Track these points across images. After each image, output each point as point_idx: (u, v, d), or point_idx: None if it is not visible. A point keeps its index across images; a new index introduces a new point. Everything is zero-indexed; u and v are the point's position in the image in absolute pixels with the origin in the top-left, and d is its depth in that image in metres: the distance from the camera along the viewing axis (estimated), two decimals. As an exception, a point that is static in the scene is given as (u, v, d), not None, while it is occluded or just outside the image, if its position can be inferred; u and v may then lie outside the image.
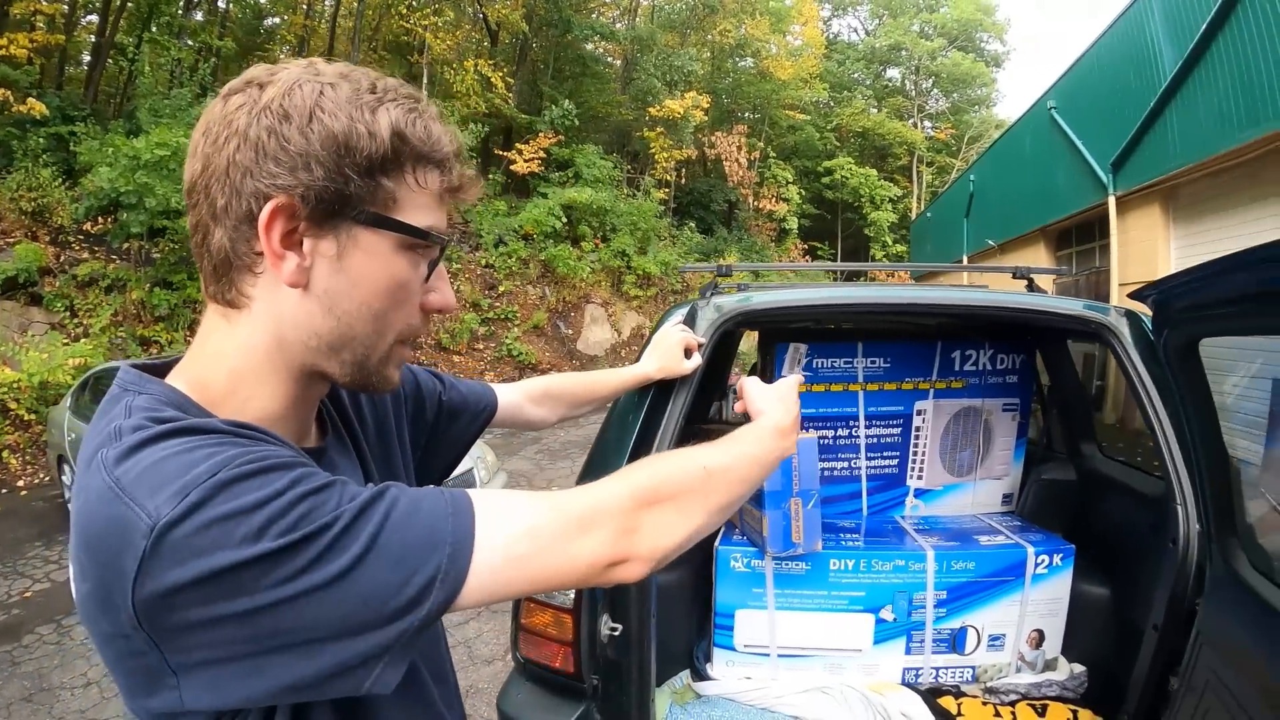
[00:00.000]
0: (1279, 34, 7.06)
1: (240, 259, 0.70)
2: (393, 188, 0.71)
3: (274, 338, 0.72)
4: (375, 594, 0.61)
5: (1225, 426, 1.63)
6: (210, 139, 0.69)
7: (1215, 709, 1.62)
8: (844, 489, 2.81)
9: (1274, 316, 1.13)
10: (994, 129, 32.53)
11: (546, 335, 16.87)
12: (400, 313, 0.76)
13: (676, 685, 2.51)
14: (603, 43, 24.68)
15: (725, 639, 2.46)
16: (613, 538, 0.73)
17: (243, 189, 0.67)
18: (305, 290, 0.70)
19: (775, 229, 28.76)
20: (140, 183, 9.92)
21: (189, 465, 0.59)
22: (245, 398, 0.73)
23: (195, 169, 0.70)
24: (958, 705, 2.33)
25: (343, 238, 0.70)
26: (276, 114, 0.67)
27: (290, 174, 0.66)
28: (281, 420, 0.76)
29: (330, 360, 0.75)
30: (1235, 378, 2.88)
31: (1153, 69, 9.57)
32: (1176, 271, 1.36)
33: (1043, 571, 2.40)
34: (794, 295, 2.27)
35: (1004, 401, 2.77)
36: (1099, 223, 11.71)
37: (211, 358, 0.74)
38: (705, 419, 3.92)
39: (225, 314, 0.73)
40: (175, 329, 11.31)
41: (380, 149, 0.69)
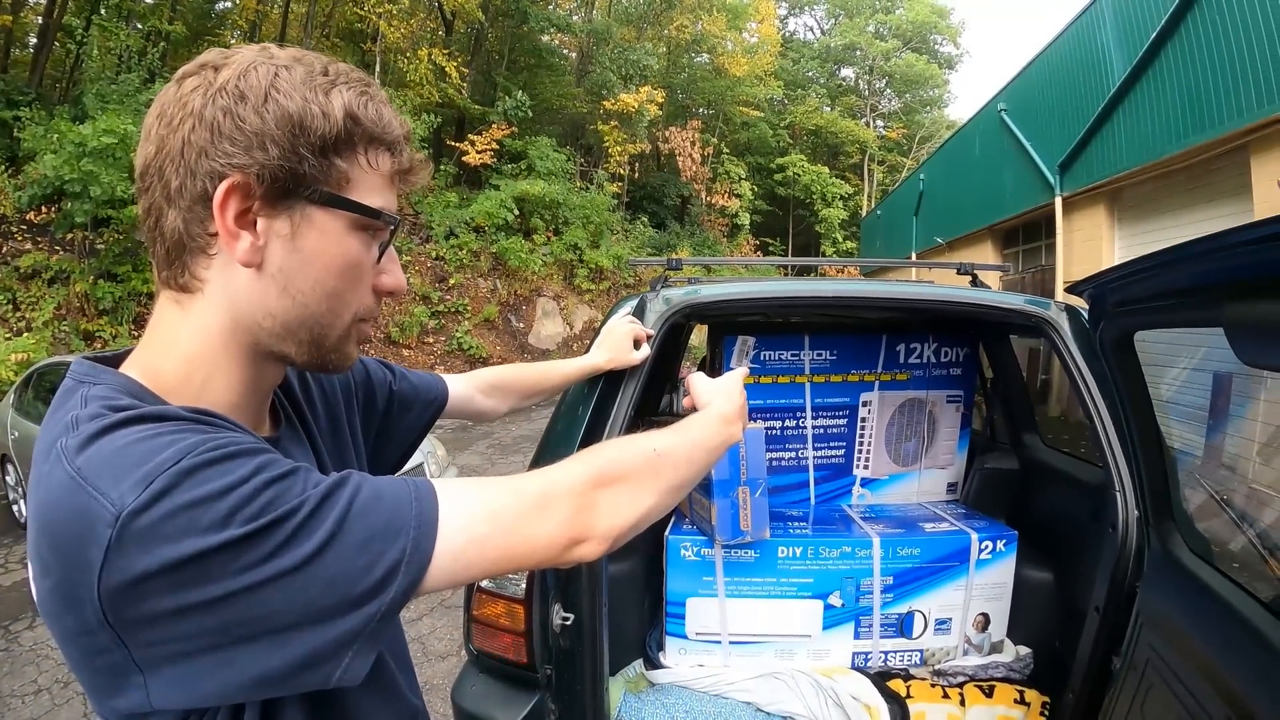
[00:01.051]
0: (1226, 44, 7.32)
1: (194, 241, 0.70)
2: (345, 168, 0.72)
3: (229, 320, 0.72)
4: (341, 578, 0.61)
5: (1167, 418, 1.69)
6: (164, 121, 0.69)
7: (1156, 685, 1.68)
8: (792, 479, 2.86)
9: (1204, 309, 1.18)
10: (945, 129, 33.11)
11: (498, 329, 16.76)
12: (354, 293, 0.76)
13: (630, 674, 2.52)
14: (559, 35, 24.45)
15: (677, 627, 2.48)
16: (570, 517, 0.74)
17: (197, 169, 0.67)
18: (259, 270, 0.70)
19: (728, 224, 28.89)
20: (85, 171, 9.62)
21: (152, 452, 0.58)
22: (200, 384, 0.73)
23: (149, 152, 0.69)
24: (907, 687, 2.38)
25: (296, 217, 0.70)
26: (232, 95, 0.67)
27: (245, 153, 0.66)
28: (237, 408, 0.75)
29: (286, 341, 0.75)
30: (1176, 371, 3.00)
31: (1102, 75, 9.86)
32: (1112, 266, 1.41)
33: (987, 557, 2.46)
34: (741, 289, 2.29)
35: (948, 393, 2.84)
36: (1045, 222, 12.03)
37: (165, 345, 0.73)
38: (656, 411, 3.94)
39: (178, 299, 0.73)
40: (119, 323, 10.98)
41: (334, 129, 0.70)
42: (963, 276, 2.66)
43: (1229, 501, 2.06)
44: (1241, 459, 3.06)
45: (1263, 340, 1.01)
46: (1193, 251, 1.04)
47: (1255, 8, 6.89)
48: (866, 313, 2.89)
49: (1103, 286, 1.47)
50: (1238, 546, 1.80)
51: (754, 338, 2.73)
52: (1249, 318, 1.02)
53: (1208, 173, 8.10)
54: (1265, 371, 1.43)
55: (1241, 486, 2.81)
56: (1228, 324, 1.07)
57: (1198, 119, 7.82)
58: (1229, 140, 7.47)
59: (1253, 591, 1.49)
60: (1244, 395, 3.10)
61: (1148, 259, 1.20)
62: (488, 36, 22.47)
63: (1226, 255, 1.00)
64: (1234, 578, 1.56)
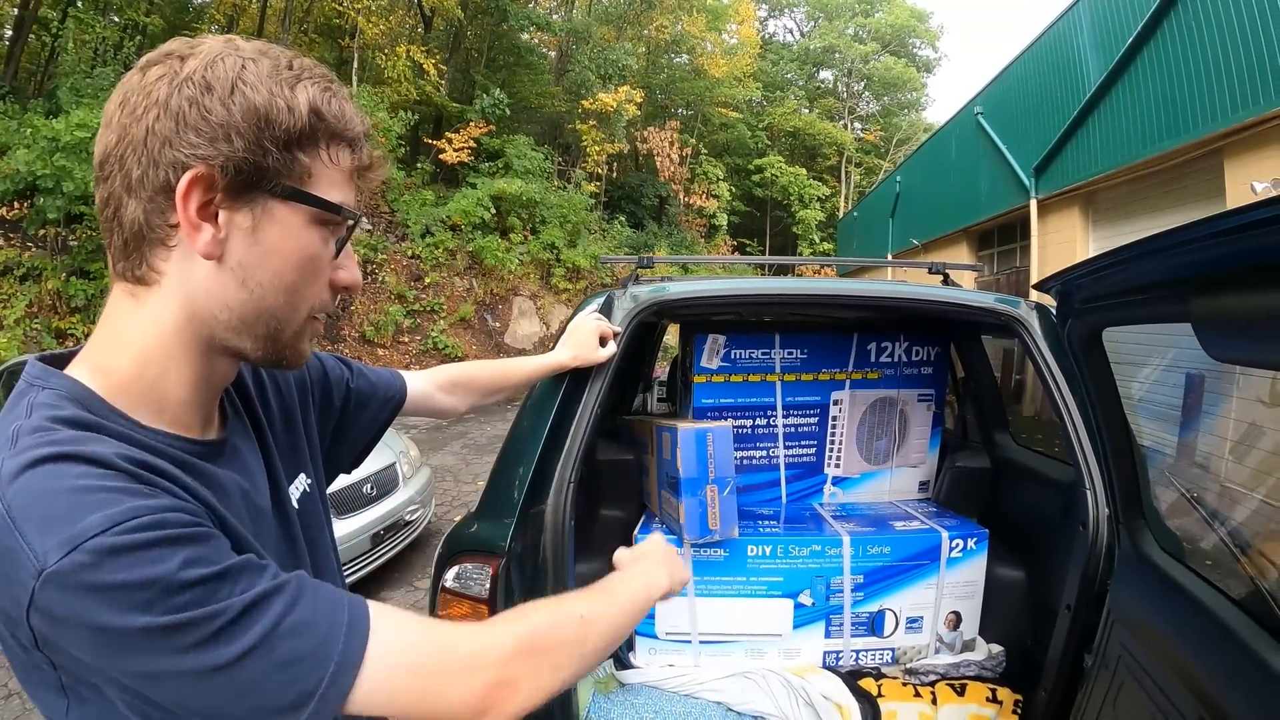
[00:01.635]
0: (1201, 50, 7.43)
1: (154, 232, 0.69)
2: (308, 163, 0.71)
3: (185, 313, 0.71)
4: (254, 691, 0.61)
5: (1138, 417, 1.70)
6: (128, 109, 0.68)
7: (1128, 683, 1.69)
8: (763, 477, 2.85)
9: (1171, 305, 1.18)
10: (922, 132, 33.33)
11: (474, 328, 16.66)
12: (312, 287, 0.76)
13: (600, 675, 2.50)
14: (538, 33, 24.39)
15: (647, 627, 2.46)
16: (487, 689, 0.73)
17: (160, 159, 0.66)
18: (219, 262, 0.70)
19: (705, 225, 28.96)
20: (58, 166, 9.45)
21: (80, 510, 0.57)
22: (152, 380, 0.72)
23: (109, 140, 0.68)
24: (878, 686, 2.37)
25: (258, 210, 0.70)
26: (199, 85, 0.67)
27: (210, 144, 0.66)
28: (186, 404, 0.74)
29: (242, 335, 0.74)
30: (1149, 370, 3.02)
31: (1078, 79, 9.99)
32: (1079, 262, 1.40)
33: (958, 555, 2.46)
34: (710, 286, 2.28)
35: (919, 392, 2.85)
36: (1020, 224, 12.17)
37: (117, 340, 0.72)
38: (629, 411, 3.93)
39: (133, 292, 0.72)
40: (92, 320, 10.77)
41: (299, 124, 0.70)
42: (935, 276, 2.67)
43: (1200, 500, 2.07)
44: (1214, 457, 3.09)
45: (1231, 335, 1.01)
46: (1159, 245, 1.03)
47: (1230, 14, 7.00)
48: (837, 311, 2.90)
49: (1070, 283, 1.47)
50: (1209, 544, 1.81)
51: (724, 336, 2.72)
52: (1216, 312, 1.01)
53: (1182, 176, 8.22)
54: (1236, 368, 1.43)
55: (1213, 485, 2.83)
56: (1195, 319, 1.06)
57: (1172, 123, 7.94)
58: (1203, 144, 7.58)
59: (1223, 588, 1.50)
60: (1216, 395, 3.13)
61: (1114, 253, 1.20)
62: (466, 34, 22.38)
63: (1193, 249, 0.99)
64: (1204, 575, 1.57)
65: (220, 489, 0.74)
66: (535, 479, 1.92)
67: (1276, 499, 2.45)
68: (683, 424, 2.38)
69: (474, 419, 11.66)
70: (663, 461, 2.45)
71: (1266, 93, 6.62)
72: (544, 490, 1.95)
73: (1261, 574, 1.53)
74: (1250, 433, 2.88)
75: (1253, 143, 6.97)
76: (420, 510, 5.24)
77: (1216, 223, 0.88)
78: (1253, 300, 0.93)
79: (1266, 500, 2.41)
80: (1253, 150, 6.98)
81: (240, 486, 0.79)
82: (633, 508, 2.73)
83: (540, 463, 1.94)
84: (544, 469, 1.96)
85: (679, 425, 2.35)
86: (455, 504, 6.63)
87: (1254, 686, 1.26)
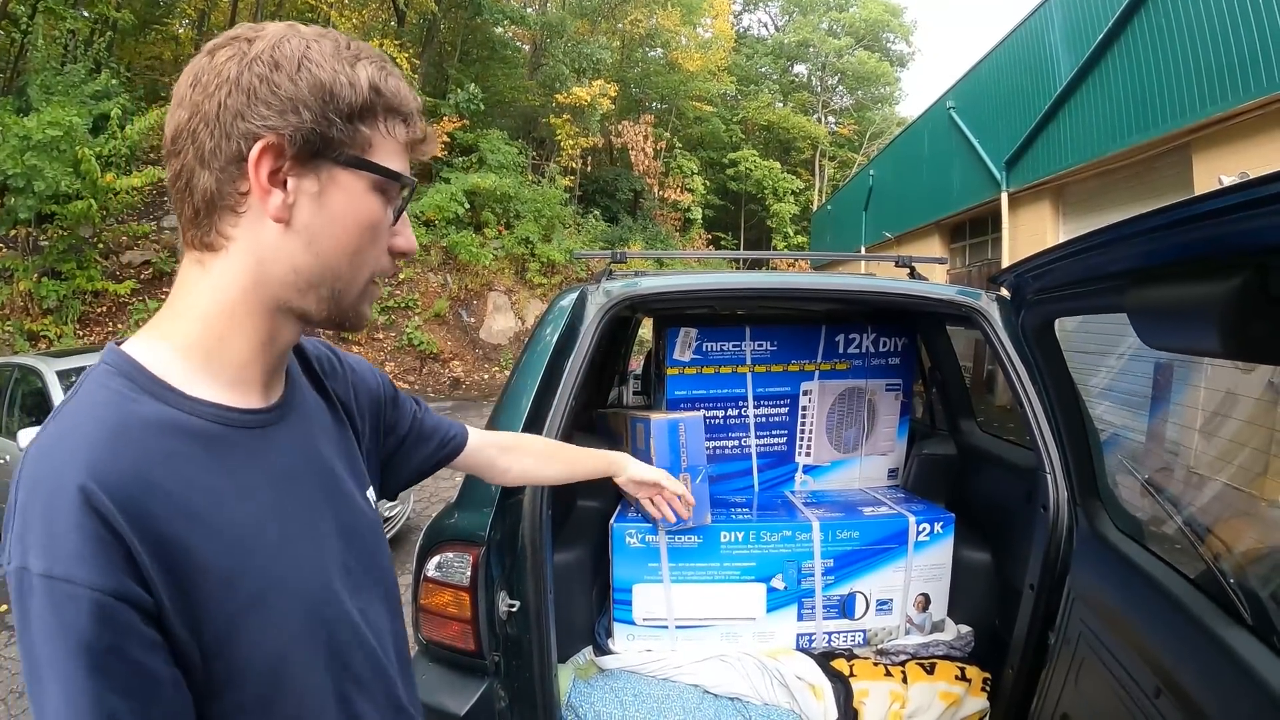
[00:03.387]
0: (1170, 47, 7.56)
1: (224, 199, 0.74)
2: (368, 134, 0.77)
3: (253, 275, 0.76)
4: None
5: (1095, 405, 1.77)
6: (199, 88, 0.73)
7: (1089, 658, 1.77)
8: (735, 466, 2.92)
9: (1110, 296, 1.25)
10: (895, 126, 33.45)
11: (449, 324, 16.58)
12: (372, 251, 0.81)
13: (580, 661, 2.55)
14: (512, 27, 24.23)
15: (624, 614, 2.52)
16: None
17: (233, 131, 0.72)
18: (287, 226, 0.75)
19: (680, 219, 28.94)
20: (29, 165, 9.35)
21: (42, 538, 0.64)
22: (215, 341, 0.77)
23: (181, 118, 0.74)
24: (850, 667, 2.44)
25: (323, 177, 0.75)
26: (267, 63, 0.72)
27: (280, 116, 0.71)
28: (248, 365, 0.79)
29: (307, 295, 0.78)
30: (1126, 360, 3.13)
31: (1049, 74, 10.13)
32: (1029, 256, 1.47)
33: (925, 539, 2.54)
34: (681, 280, 2.34)
35: (887, 382, 2.92)
36: (992, 217, 12.33)
37: (183, 306, 0.77)
38: (605, 405, 3.98)
39: (200, 259, 0.77)
40: (64, 321, 10.69)
41: (359, 98, 0.75)
42: (901, 269, 2.74)
43: (1155, 483, 2.16)
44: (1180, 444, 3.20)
45: (1160, 323, 1.07)
46: (1097, 241, 1.10)
47: (1199, 12, 7.14)
48: (805, 304, 2.97)
49: (1022, 276, 1.54)
50: (1164, 526, 1.88)
51: (696, 329, 2.78)
52: (1147, 302, 1.08)
53: (1150, 170, 8.37)
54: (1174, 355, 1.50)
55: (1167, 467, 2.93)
56: (1130, 308, 1.13)
57: (1141, 118, 8.08)
58: (1171, 139, 7.73)
59: (1175, 565, 1.57)
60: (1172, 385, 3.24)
61: (1059, 248, 1.26)
62: (440, 28, 22.18)
63: (1126, 244, 1.06)
64: (1157, 553, 1.64)
65: (260, 454, 0.79)
66: None
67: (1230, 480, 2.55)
68: (655, 415, 2.44)
69: (450, 415, 11.58)
70: (637, 452, 2.50)
71: (1234, 88, 6.76)
72: None
73: (1212, 552, 1.61)
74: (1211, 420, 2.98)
75: (1220, 137, 7.12)
76: (399, 507, 5.26)
77: (1145, 220, 0.95)
78: (1180, 291, 1.00)
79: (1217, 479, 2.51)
80: (1220, 145, 7.12)
81: (299, 447, 0.84)
82: (609, 498, 2.78)
83: None
84: None
85: (652, 416, 2.40)
86: (434, 500, 6.63)
87: (1206, 656, 1.33)
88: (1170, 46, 7.62)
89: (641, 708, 2.29)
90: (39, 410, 5.08)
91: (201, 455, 0.72)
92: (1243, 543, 1.77)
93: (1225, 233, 0.91)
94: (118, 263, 12.49)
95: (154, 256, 12.83)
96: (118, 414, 0.69)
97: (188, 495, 0.70)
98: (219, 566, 0.70)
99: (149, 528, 0.66)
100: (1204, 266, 0.97)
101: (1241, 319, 0.88)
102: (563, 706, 2.29)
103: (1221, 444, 2.90)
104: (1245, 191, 0.83)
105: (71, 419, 0.68)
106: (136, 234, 12.97)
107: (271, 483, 0.79)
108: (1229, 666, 1.26)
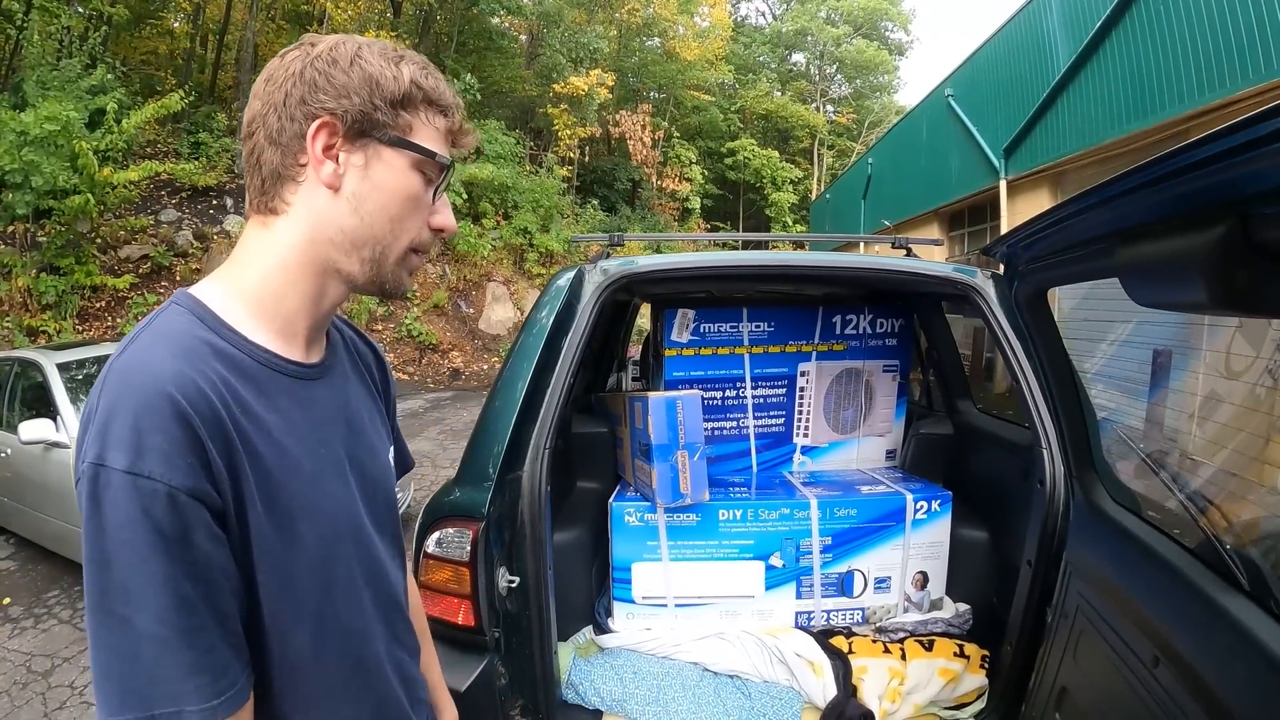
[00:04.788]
0: (1169, 33, 7.52)
1: (287, 170, 0.87)
2: (409, 120, 0.89)
3: (307, 234, 0.88)
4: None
5: (1093, 387, 1.76)
6: (272, 83, 0.87)
7: (1087, 631, 1.77)
8: (734, 447, 2.93)
9: (1101, 259, 1.25)
10: (894, 114, 33.34)
11: (447, 315, 16.57)
12: (411, 221, 0.92)
13: (580, 640, 2.57)
14: (509, 17, 24.09)
15: (624, 592, 2.53)
16: None
17: (296, 114, 0.85)
18: (337, 192, 0.87)
19: (678, 208, 28.89)
20: (27, 160, 9.29)
21: (122, 437, 0.71)
22: (272, 290, 0.88)
23: (256, 107, 0.87)
24: (849, 644, 2.46)
25: (369, 152, 0.87)
26: (326, 60, 0.86)
27: (335, 100, 0.85)
28: (297, 318, 0.90)
29: (351, 256, 0.89)
30: (1129, 347, 3.14)
31: (1047, 61, 10.05)
32: (1020, 225, 1.47)
33: (922, 517, 2.55)
34: (677, 259, 2.34)
35: (884, 363, 2.93)
36: (990, 205, 12.27)
37: (246, 259, 0.89)
38: (604, 389, 3.98)
39: (264, 222, 0.89)
40: (63, 317, 10.66)
41: (401, 89, 0.88)
42: (899, 250, 2.75)
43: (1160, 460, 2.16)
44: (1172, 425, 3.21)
45: (1149, 281, 1.08)
46: (1085, 204, 1.10)
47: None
48: (803, 283, 2.97)
49: (1014, 246, 1.54)
50: (1161, 496, 1.88)
51: (694, 311, 2.79)
52: (1135, 260, 1.09)
53: (1148, 157, 8.33)
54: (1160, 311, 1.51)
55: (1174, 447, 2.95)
56: (1120, 269, 1.14)
57: (1139, 105, 8.03)
58: (1170, 126, 7.67)
59: (1171, 534, 1.58)
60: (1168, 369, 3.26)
61: (1048, 214, 1.27)
62: (436, 19, 22.08)
63: (1112, 205, 1.06)
64: (1154, 522, 1.65)
65: (301, 402, 0.89)
66: (512, 446, 1.98)
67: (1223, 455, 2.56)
68: (654, 394, 2.45)
69: (450, 405, 11.66)
70: (635, 430, 2.52)
71: (1234, 76, 6.71)
72: (520, 457, 2.00)
73: (1209, 520, 1.62)
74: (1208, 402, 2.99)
75: (1219, 124, 7.06)
76: (400, 494, 5.26)
77: (1131, 178, 0.96)
78: (1165, 246, 1.00)
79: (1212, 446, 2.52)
80: (1220, 133, 7.09)
81: (335, 404, 0.96)
82: (608, 479, 2.79)
83: (516, 431, 1.99)
84: (520, 437, 2.01)
85: (650, 395, 2.41)
86: (434, 487, 6.60)
87: (1203, 623, 1.34)
88: (1169, 33, 7.56)
89: (641, 685, 2.31)
90: (39, 404, 5.04)
91: (252, 390, 0.82)
92: (1240, 510, 1.78)
93: (1206, 185, 0.92)
94: (116, 258, 12.42)
95: (152, 250, 12.75)
96: (190, 341, 0.79)
97: (242, 421, 0.79)
98: (263, 483, 0.80)
99: (221, 437, 0.76)
100: (1187, 220, 0.98)
101: (1227, 269, 0.89)
102: (563, 685, 2.31)
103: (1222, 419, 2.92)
104: (1222, 140, 0.84)
105: (152, 339, 0.78)
106: (134, 228, 12.90)
107: (310, 428, 0.89)
108: (1226, 632, 1.27)
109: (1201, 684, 1.30)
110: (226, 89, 19.56)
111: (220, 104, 18.16)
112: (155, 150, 14.99)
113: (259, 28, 18.22)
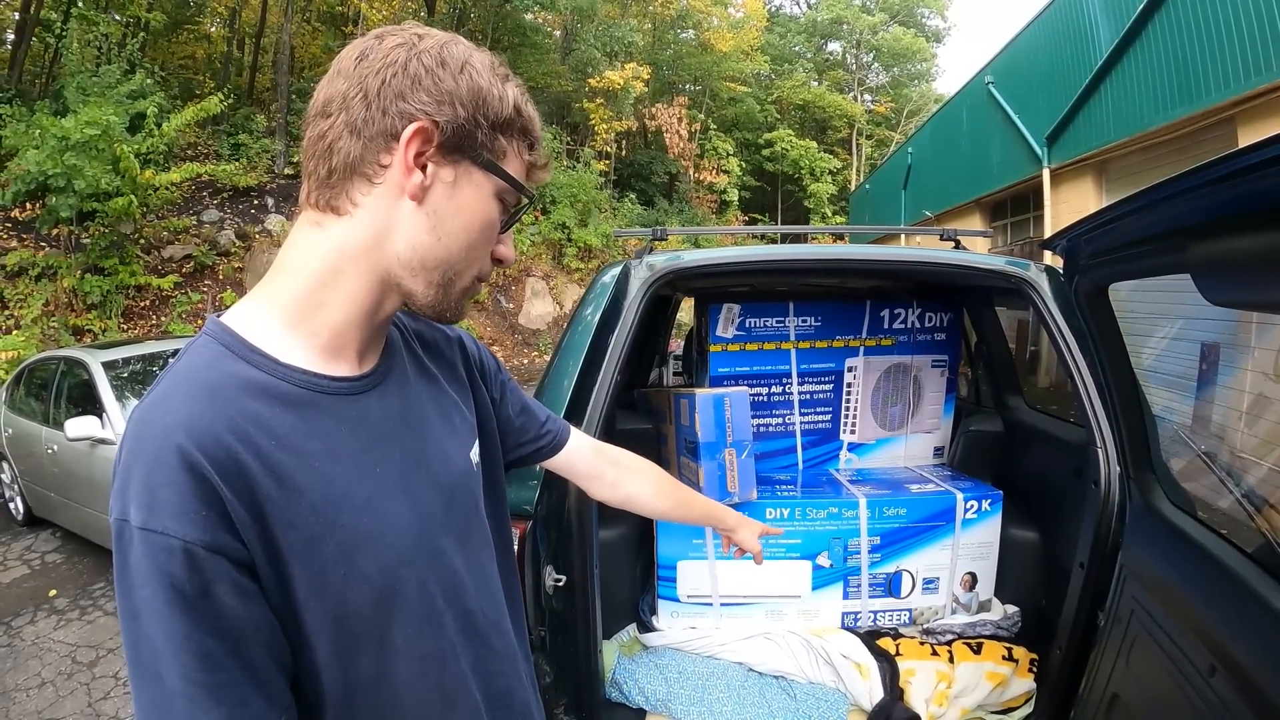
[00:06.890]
0: (1213, 16, 7.30)
1: (364, 167, 0.79)
2: (504, 145, 0.84)
3: (370, 242, 0.80)
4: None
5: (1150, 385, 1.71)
6: (365, 64, 0.78)
7: (1141, 637, 1.72)
8: (779, 444, 2.89)
9: (1170, 255, 1.20)
10: (933, 103, 32.83)
11: (487, 310, 16.69)
12: (483, 249, 0.87)
13: (624, 638, 2.57)
14: (542, 13, 24.21)
15: (669, 590, 2.52)
16: None
17: (389, 109, 0.77)
18: (419, 205, 0.80)
19: (716, 201, 28.82)
20: (69, 164, 9.49)
21: (140, 495, 0.68)
22: (318, 301, 0.81)
23: (339, 86, 0.79)
24: (896, 645, 2.42)
25: (460, 170, 0.81)
26: (434, 58, 0.79)
27: (437, 106, 0.78)
28: (347, 331, 0.83)
29: (418, 276, 0.82)
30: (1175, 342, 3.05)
31: (1089, 47, 9.82)
32: (1084, 218, 1.42)
33: (972, 516, 2.50)
34: (724, 253, 2.31)
35: (933, 358, 2.88)
36: (1033, 194, 12.03)
37: (294, 264, 0.82)
38: (645, 384, 3.97)
39: (319, 221, 0.81)
40: (108, 316, 10.91)
41: (506, 112, 0.82)
42: (947, 242, 2.69)
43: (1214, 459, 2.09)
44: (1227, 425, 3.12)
45: (1227, 278, 1.03)
46: (1157, 196, 1.06)
47: (1243, -21, 6.87)
48: (851, 276, 2.92)
49: (1076, 239, 1.49)
50: (1221, 500, 1.83)
51: (739, 305, 2.76)
52: (1213, 257, 1.04)
53: (1194, 144, 8.10)
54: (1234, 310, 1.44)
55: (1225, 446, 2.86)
56: (1193, 266, 1.09)
57: (1185, 90, 7.82)
58: (1216, 112, 7.46)
59: (1233, 540, 1.52)
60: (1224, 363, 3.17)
61: (1115, 207, 1.22)
62: (471, 16, 22.24)
63: (1186, 198, 1.02)
64: (1214, 527, 1.59)
65: (349, 420, 0.82)
66: None
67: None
68: (700, 390, 2.43)
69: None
70: (681, 428, 2.50)
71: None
72: None
73: (1268, 523, 1.56)
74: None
75: (1266, 110, 6.85)
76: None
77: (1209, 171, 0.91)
78: (1246, 243, 0.95)
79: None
80: (1266, 118, 6.84)
81: (394, 412, 0.88)
82: None
83: None
84: None
85: (696, 391, 2.39)
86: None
87: (1263, 631, 1.29)
88: (1214, 15, 7.32)
89: (686, 685, 2.30)
90: (85, 401, 5.16)
91: (290, 419, 0.77)
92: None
93: None
94: (159, 257, 12.68)
95: (195, 250, 12.99)
96: (213, 376, 0.74)
97: (276, 456, 0.74)
98: (304, 524, 0.75)
99: (242, 483, 0.71)
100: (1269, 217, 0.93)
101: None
102: (607, 683, 2.30)
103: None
104: None
105: (171, 383, 0.74)
106: (177, 229, 13.15)
107: (363, 448, 0.82)
108: None
109: (1261, 695, 1.25)
110: (264, 91, 19.91)
111: (258, 106, 18.49)
112: (196, 152, 15.28)
113: (294, 30, 18.46)
